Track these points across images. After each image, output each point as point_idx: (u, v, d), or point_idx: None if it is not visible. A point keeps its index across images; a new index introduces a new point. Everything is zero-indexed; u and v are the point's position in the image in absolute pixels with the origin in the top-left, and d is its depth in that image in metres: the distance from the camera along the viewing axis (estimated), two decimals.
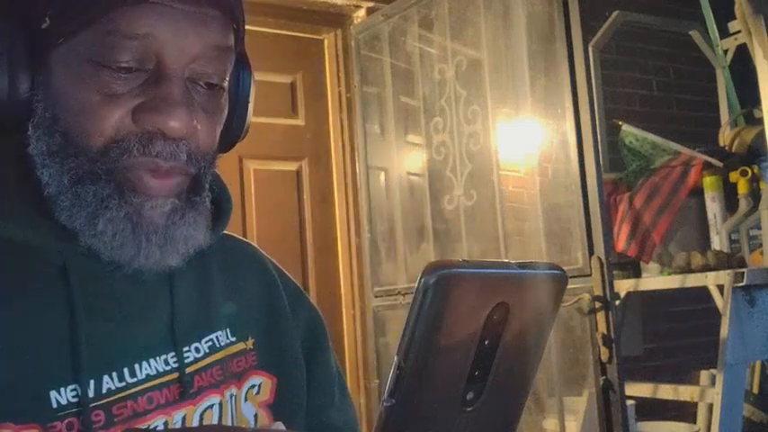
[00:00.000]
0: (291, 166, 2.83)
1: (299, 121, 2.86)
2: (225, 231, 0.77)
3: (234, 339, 0.73)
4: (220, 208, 0.75)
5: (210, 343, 0.71)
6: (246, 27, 0.73)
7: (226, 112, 0.70)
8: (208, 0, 0.63)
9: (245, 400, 0.73)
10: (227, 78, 0.68)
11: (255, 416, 0.73)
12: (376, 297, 2.53)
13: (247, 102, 0.75)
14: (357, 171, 2.75)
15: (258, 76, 0.80)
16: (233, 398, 0.71)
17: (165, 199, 0.64)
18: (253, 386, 0.74)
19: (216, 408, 0.70)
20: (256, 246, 0.85)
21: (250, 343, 0.75)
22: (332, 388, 0.82)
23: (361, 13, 2.85)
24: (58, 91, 0.63)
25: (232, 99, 0.72)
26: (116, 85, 0.61)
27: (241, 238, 0.85)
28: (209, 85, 0.66)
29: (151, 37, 0.61)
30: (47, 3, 0.63)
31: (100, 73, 0.61)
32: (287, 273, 0.86)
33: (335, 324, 2.74)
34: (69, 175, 0.62)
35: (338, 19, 2.89)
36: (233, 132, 0.74)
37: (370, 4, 2.82)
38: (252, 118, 0.77)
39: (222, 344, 0.72)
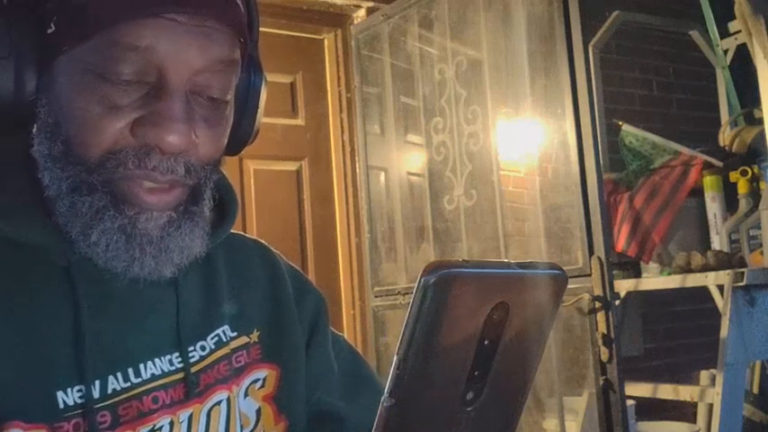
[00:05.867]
0: (291, 166, 2.83)
1: (299, 121, 2.86)
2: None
3: (235, 334, 0.74)
4: (225, 210, 0.75)
5: (217, 338, 0.72)
6: None
7: (231, 122, 0.69)
8: (212, 15, 0.62)
9: (246, 395, 0.73)
10: (232, 91, 0.67)
11: (258, 410, 0.73)
12: (376, 297, 2.53)
13: (257, 107, 0.74)
14: (357, 171, 2.75)
15: None
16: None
17: (160, 212, 0.64)
18: (256, 380, 0.74)
19: (224, 404, 0.70)
20: (263, 242, 0.85)
21: (255, 336, 0.75)
22: (328, 370, 0.82)
23: (361, 13, 2.85)
24: (60, 98, 0.63)
25: (241, 104, 0.72)
26: (116, 98, 0.61)
27: (248, 235, 0.85)
28: (212, 98, 0.65)
29: (153, 50, 0.60)
30: (53, 9, 0.63)
31: (101, 84, 0.61)
32: (294, 265, 0.86)
33: (335, 324, 2.72)
34: (68, 182, 0.63)
35: (338, 19, 2.89)
36: (241, 137, 0.74)
37: (370, 4, 2.82)
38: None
39: (228, 338, 0.73)
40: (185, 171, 0.64)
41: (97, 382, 0.63)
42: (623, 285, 2.34)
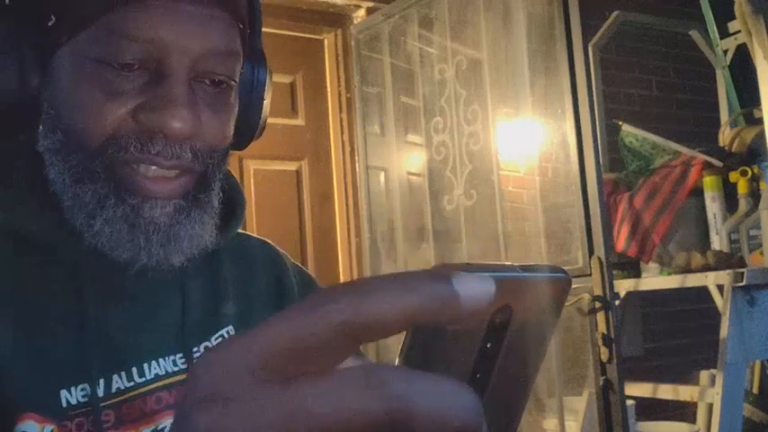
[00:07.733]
0: (291, 166, 2.83)
1: (299, 121, 2.86)
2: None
3: None
4: (233, 208, 0.74)
5: (221, 339, 0.71)
6: None
7: (236, 108, 0.69)
8: (212, 1, 0.62)
9: None
10: (236, 76, 0.67)
11: None
12: None
13: (262, 99, 0.74)
14: (357, 171, 2.75)
15: None
16: None
17: (166, 200, 0.63)
18: None
19: None
20: (270, 242, 0.85)
21: None
22: None
23: (361, 12, 2.85)
24: (62, 89, 0.63)
25: (246, 96, 0.71)
26: (118, 84, 0.61)
27: (255, 235, 0.84)
28: (215, 83, 0.65)
29: (153, 37, 0.60)
30: (53, 1, 0.62)
31: (102, 71, 0.60)
32: (300, 265, 0.85)
33: None
34: (70, 173, 0.62)
35: (338, 19, 2.89)
36: (248, 130, 0.73)
37: (370, 4, 2.82)
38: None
39: None
40: (193, 156, 0.63)
41: (101, 381, 0.63)
42: (623, 285, 2.34)
